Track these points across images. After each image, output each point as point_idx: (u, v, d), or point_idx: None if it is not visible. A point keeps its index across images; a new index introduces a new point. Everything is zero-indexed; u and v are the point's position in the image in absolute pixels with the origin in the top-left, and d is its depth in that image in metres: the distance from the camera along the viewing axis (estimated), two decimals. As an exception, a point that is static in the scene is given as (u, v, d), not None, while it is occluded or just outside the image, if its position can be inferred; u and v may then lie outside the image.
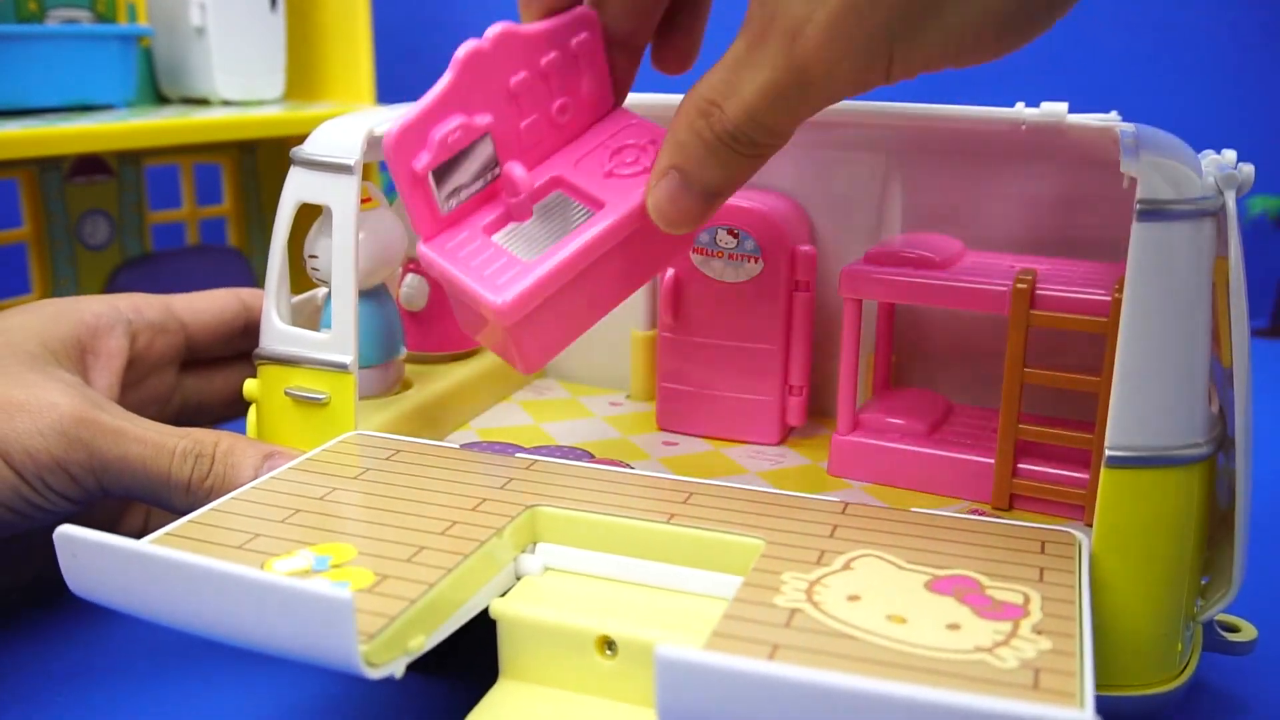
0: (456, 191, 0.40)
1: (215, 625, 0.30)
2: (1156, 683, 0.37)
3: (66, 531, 0.31)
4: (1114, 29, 0.80)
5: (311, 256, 0.47)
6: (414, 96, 0.58)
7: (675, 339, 0.52)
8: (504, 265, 0.39)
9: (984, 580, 0.33)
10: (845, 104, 0.51)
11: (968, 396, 0.52)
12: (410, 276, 0.53)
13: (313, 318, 0.50)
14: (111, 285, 0.81)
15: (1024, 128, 0.47)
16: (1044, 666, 0.28)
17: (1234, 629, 0.43)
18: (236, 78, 0.81)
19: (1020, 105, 0.48)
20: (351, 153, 0.44)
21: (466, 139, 0.39)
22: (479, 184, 0.40)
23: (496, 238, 0.40)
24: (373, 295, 0.49)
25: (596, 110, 0.42)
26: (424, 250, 0.40)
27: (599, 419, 0.55)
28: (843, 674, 0.24)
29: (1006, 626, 0.30)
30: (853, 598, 0.32)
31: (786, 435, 0.52)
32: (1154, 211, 0.35)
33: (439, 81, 0.39)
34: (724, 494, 0.39)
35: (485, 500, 0.38)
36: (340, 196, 0.44)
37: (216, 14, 0.79)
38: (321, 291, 0.52)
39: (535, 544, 0.38)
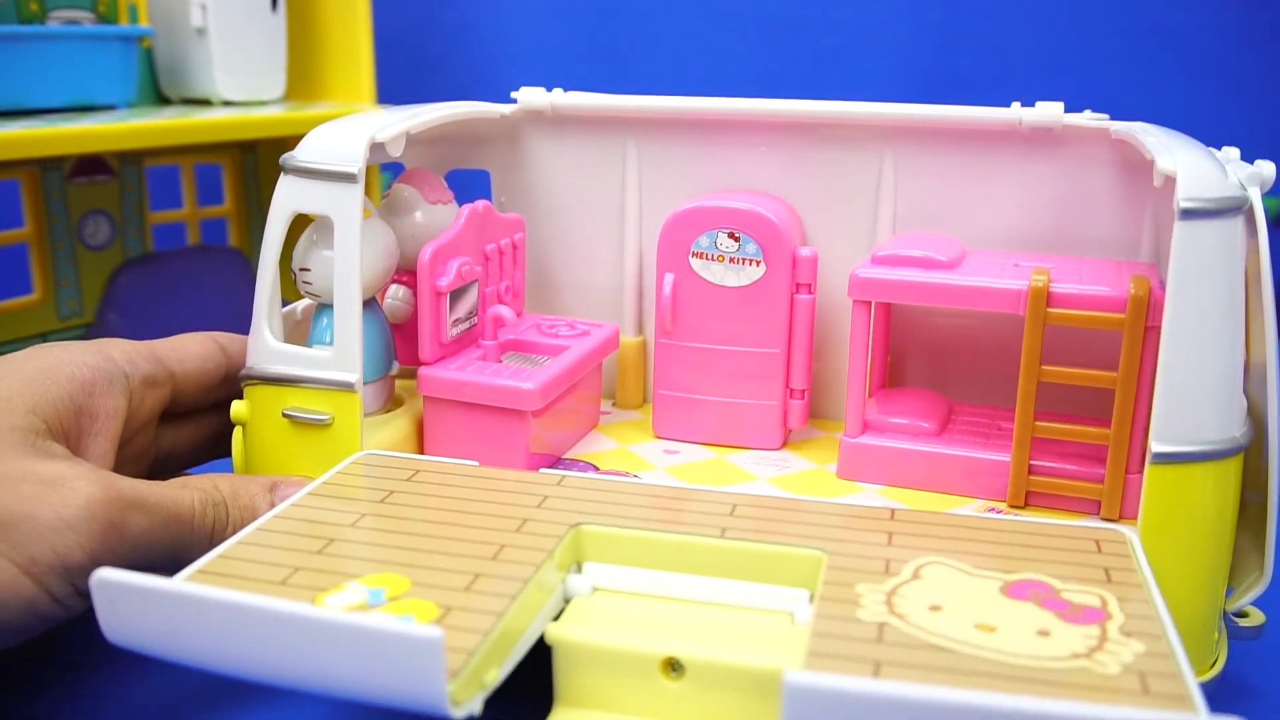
0: (456, 323, 0.48)
1: (276, 669, 0.29)
2: (1197, 673, 0.38)
3: (104, 576, 0.29)
4: (1114, 29, 0.81)
5: (303, 270, 0.45)
6: (414, 97, 0.56)
7: (673, 345, 0.51)
8: (513, 373, 0.46)
9: (1056, 584, 0.33)
10: (838, 104, 0.51)
11: (961, 394, 0.52)
12: (395, 288, 0.51)
13: (293, 333, 0.48)
14: (112, 285, 0.81)
15: (1021, 124, 0.48)
16: (1147, 670, 0.28)
17: (1242, 614, 0.44)
18: (237, 78, 0.81)
19: (1016, 105, 0.48)
20: (354, 160, 0.42)
21: (470, 276, 0.47)
22: (467, 324, 0.49)
23: (487, 368, 0.47)
24: (366, 308, 0.46)
25: (519, 300, 0.54)
26: (429, 371, 0.46)
27: (592, 427, 0.54)
28: (980, 691, 0.24)
29: (1094, 630, 0.30)
30: (934, 607, 0.31)
31: (786, 439, 0.52)
32: (1195, 211, 0.35)
33: (452, 225, 0.47)
34: (768, 504, 0.38)
35: (527, 521, 0.37)
36: (343, 207, 0.42)
37: (217, 14, 0.78)
38: (301, 305, 0.50)
39: (581, 564, 0.37)
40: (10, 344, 0.76)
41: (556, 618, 0.35)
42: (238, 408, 0.45)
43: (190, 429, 0.48)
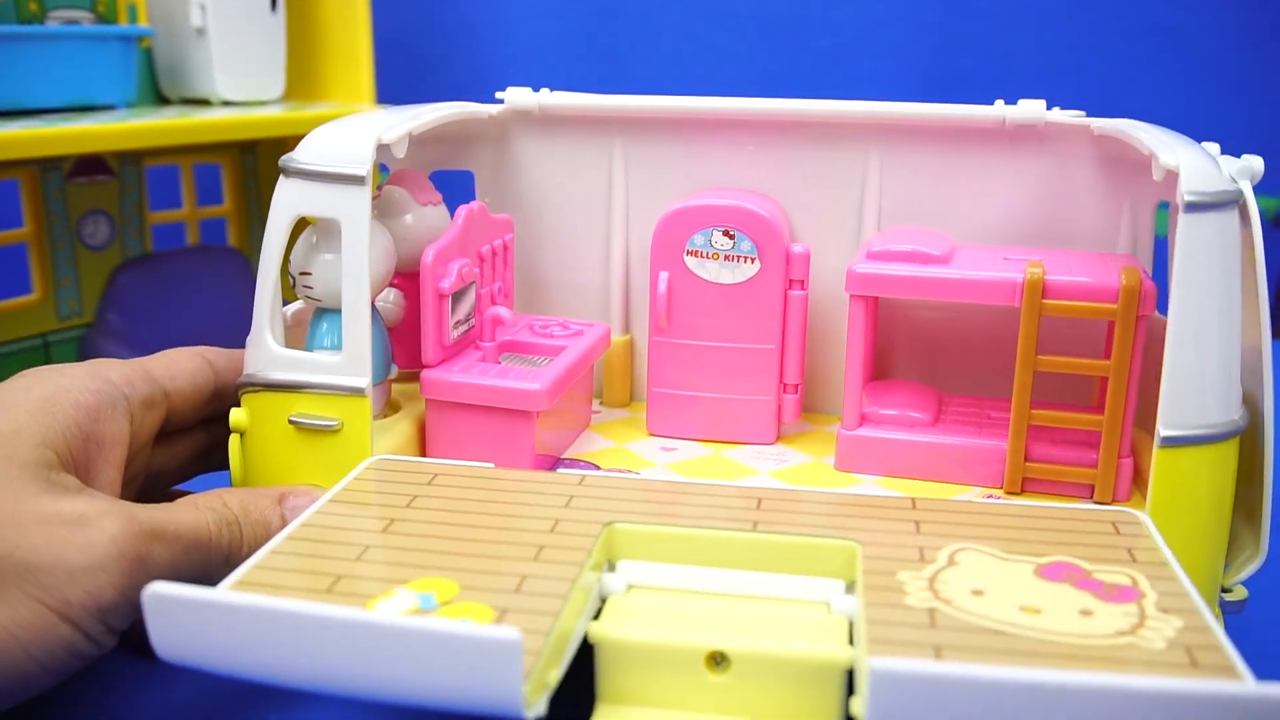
0: (457, 325, 0.47)
1: (341, 677, 0.28)
2: (1202, 648, 0.39)
3: (157, 590, 0.28)
4: (1114, 29, 0.83)
5: (304, 274, 0.44)
6: (413, 97, 0.56)
7: (667, 343, 0.51)
8: (517, 374, 0.46)
9: (1086, 565, 0.34)
10: (823, 103, 0.52)
11: (946, 385, 0.53)
12: (387, 291, 0.51)
13: (286, 339, 0.47)
14: (111, 285, 0.81)
15: (1005, 122, 0.49)
16: (1191, 644, 0.29)
17: (1226, 590, 0.46)
18: (237, 78, 0.80)
19: (1000, 103, 0.49)
20: (362, 162, 0.41)
21: (469, 278, 0.47)
22: (466, 326, 0.48)
23: (490, 370, 0.47)
24: (366, 312, 0.46)
25: (509, 301, 0.54)
26: (432, 374, 0.46)
27: (584, 427, 0.54)
28: (1067, 671, 0.25)
29: (1133, 608, 0.31)
30: (977, 592, 0.32)
31: (779, 434, 0.53)
32: (1198, 204, 0.37)
33: (451, 226, 0.47)
34: (793, 497, 0.39)
35: (559, 521, 0.37)
36: (351, 210, 0.41)
37: (217, 14, 0.78)
38: (292, 309, 0.49)
39: (615, 562, 0.37)
40: (10, 344, 0.76)
41: (595, 616, 0.35)
42: (237, 415, 0.44)
43: (179, 447, 0.47)
